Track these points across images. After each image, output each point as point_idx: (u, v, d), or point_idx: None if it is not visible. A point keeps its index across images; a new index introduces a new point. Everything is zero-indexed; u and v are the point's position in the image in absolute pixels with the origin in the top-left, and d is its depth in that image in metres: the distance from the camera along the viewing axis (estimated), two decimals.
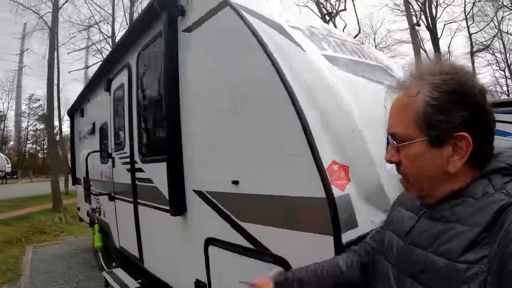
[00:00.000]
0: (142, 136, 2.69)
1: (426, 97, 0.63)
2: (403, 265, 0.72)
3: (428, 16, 16.04)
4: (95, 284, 4.35)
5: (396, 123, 0.69)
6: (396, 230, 0.80)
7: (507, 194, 0.58)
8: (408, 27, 13.75)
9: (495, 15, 18.39)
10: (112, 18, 13.26)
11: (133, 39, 2.80)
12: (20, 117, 36.31)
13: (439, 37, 16.48)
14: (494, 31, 19.09)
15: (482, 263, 0.55)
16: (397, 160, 0.70)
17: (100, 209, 4.20)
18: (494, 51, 20.80)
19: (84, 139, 5.21)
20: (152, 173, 2.48)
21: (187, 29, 1.99)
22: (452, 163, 0.63)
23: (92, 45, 15.63)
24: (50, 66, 9.22)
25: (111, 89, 3.46)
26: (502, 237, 0.54)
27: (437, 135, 0.63)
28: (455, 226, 0.62)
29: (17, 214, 9.14)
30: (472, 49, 18.54)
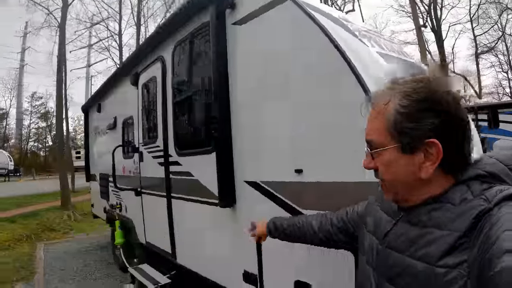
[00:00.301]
0: (180, 129, 2.65)
1: (396, 105, 0.65)
2: (382, 269, 0.74)
3: (433, 18, 16.11)
4: (113, 281, 4.32)
5: (371, 131, 0.71)
6: (374, 233, 0.82)
7: (486, 199, 0.59)
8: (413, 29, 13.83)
9: (499, 18, 18.48)
10: (119, 16, 13.22)
11: (167, 33, 2.79)
12: (22, 115, 36.16)
13: (444, 39, 16.56)
14: (498, 33, 19.18)
15: (461, 267, 0.56)
16: (373, 166, 0.72)
17: (121, 204, 4.16)
18: (497, 53, 20.89)
19: (101, 135, 5.18)
20: (192, 166, 2.46)
21: (238, 21, 1.98)
22: (424, 169, 0.64)
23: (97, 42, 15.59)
24: (60, 62, 9.19)
25: (139, 83, 3.42)
26: (481, 242, 0.55)
27: (408, 142, 0.64)
28: (433, 231, 0.63)
29: (23, 211, 9.07)
30: (476, 51, 18.62)
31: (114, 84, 4.44)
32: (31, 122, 36.33)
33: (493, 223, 0.55)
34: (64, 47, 9.65)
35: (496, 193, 0.59)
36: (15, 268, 4.94)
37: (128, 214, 3.91)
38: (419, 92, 0.63)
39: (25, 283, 4.38)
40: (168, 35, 2.79)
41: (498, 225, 0.54)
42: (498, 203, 0.58)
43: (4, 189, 15.22)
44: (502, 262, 0.49)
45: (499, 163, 0.66)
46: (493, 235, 0.54)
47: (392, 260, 0.70)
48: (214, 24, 2.04)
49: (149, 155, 3.14)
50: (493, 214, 0.57)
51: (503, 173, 0.65)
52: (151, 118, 3.15)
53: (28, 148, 37.18)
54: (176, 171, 2.68)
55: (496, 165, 0.65)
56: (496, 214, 0.56)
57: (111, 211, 4.58)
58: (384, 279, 0.72)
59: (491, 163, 0.66)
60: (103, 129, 5.02)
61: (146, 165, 3.26)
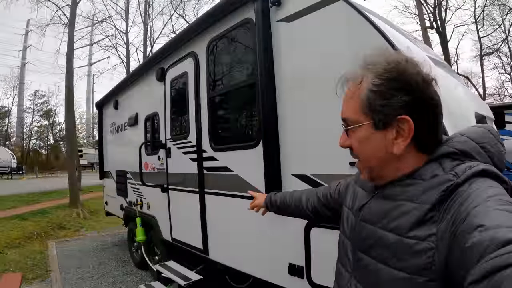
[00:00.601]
0: (217, 124, 2.65)
1: (369, 84, 0.67)
2: (356, 241, 0.77)
3: (438, 19, 16.14)
4: (133, 279, 4.29)
5: (347, 110, 0.73)
6: (351, 207, 0.86)
7: (455, 175, 0.61)
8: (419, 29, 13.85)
9: (502, 21, 18.53)
10: (126, 14, 13.19)
11: (202, 29, 2.79)
12: (23, 113, 36.02)
13: (448, 40, 16.58)
14: (502, 35, 19.22)
15: (430, 240, 0.58)
16: (349, 144, 0.74)
17: (142, 201, 4.13)
18: (500, 55, 20.94)
19: (118, 131, 5.14)
20: (231, 161, 2.45)
21: (285, 19, 2.01)
22: (396, 145, 0.67)
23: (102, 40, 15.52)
24: (70, 59, 9.20)
25: (165, 78, 3.41)
26: (451, 217, 0.56)
27: (380, 118, 0.67)
28: (404, 203, 0.65)
29: (32, 209, 9.01)
30: (481, 52, 18.66)
31: (134, 81, 4.41)
32: (34, 120, 36.36)
33: (463, 199, 0.57)
34: (73, 43, 9.63)
35: (466, 169, 0.61)
36: (27, 266, 4.87)
37: (151, 211, 3.89)
38: (391, 71, 0.65)
39: (41, 280, 4.32)
40: (203, 31, 2.79)
41: (469, 201, 0.55)
42: (468, 179, 0.59)
43: (9, 187, 15.16)
44: (473, 237, 0.50)
45: (470, 141, 0.67)
46: (463, 211, 0.55)
47: (365, 232, 0.73)
48: (259, 20, 2.09)
49: (179, 151, 3.12)
50: (463, 190, 0.58)
51: (474, 151, 0.66)
52: (182, 113, 3.13)
53: (30, 146, 37.07)
54: (211, 166, 2.66)
55: (468, 143, 0.67)
56: (466, 190, 0.58)
57: (130, 208, 4.56)
58: (360, 251, 0.74)
59: (463, 141, 0.68)
60: (120, 126, 4.99)
61: (174, 161, 3.24)
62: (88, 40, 15.96)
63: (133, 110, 4.41)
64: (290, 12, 1.98)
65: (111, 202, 5.67)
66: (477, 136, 0.68)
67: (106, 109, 5.90)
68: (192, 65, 2.91)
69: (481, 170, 0.61)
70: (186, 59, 3.04)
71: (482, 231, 0.50)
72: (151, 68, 3.82)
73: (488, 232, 0.49)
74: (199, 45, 2.86)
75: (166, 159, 3.36)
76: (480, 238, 0.49)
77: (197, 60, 2.87)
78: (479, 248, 0.48)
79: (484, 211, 0.53)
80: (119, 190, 5.08)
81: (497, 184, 0.60)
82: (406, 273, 0.61)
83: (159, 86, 3.56)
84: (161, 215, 3.60)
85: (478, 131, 0.70)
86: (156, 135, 3.75)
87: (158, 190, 3.52)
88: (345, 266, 0.81)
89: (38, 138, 37.00)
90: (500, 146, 0.69)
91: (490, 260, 0.46)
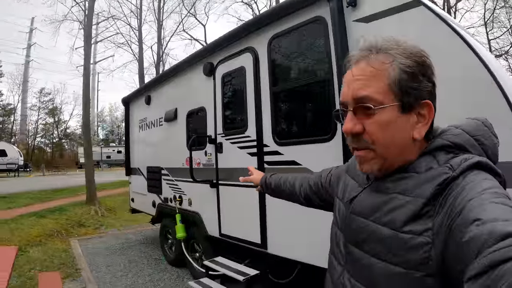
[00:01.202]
0: (282, 119, 2.66)
1: (401, 64, 0.64)
2: (348, 234, 0.75)
3: None
4: (169, 276, 4.25)
5: (368, 88, 0.65)
6: (341, 198, 0.84)
7: (451, 168, 0.60)
8: None
9: (510, 26, 18.58)
10: (140, 11, 13.18)
11: (262, 25, 2.81)
12: (26, 111, 36.02)
13: None
14: (510, 38, 19.27)
15: (426, 234, 0.57)
16: (359, 130, 0.66)
17: (181, 198, 4.10)
18: (508, 57, 20.98)
19: (150, 127, 5.12)
20: (299, 155, 2.45)
21: (363, 19, 2.05)
22: (417, 130, 0.65)
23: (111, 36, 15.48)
24: (87, 55, 9.20)
25: (216, 73, 3.38)
26: (447, 211, 0.55)
27: (409, 101, 0.64)
28: (397, 196, 0.64)
29: (48, 206, 8.97)
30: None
31: (172, 76, 4.39)
32: (39, 118, 36.34)
33: (458, 192, 0.56)
34: (91, 39, 9.62)
35: (461, 162, 0.60)
36: (54, 265, 4.79)
37: (193, 207, 3.86)
38: (419, 56, 0.65)
39: (72, 280, 4.23)
40: (263, 27, 2.80)
41: (464, 195, 0.55)
42: (463, 171, 0.58)
43: (18, 185, 15.13)
44: (469, 231, 0.49)
45: (465, 134, 0.67)
46: (458, 204, 0.54)
47: (356, 225, 0.71)
48: (335, 19, 2.13)
49: (233, 146, 3.10)
50: (458, 183, 0.57)
51: (468, 144, 0.65)
52: (237, 108, 3.11)
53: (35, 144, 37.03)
54: (275, 160, 2.65)
55: (462, 136, 0.66)
56: (461, 183, 0.57)
57: (166, 205, 4.52)
58: (351, 244, 0.73)
59: (457, 134, 0.67)
60: (154, 121, 4.96)
61: (227, 156, 3.21)
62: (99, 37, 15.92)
63: (171, 105, 4.39)
64: (367, 13, 2.03)
65: (140, 199, 5.63)
66: (471, 129, 0.68)
67: (134, 105, 5.87)
68: (251, 60, 2.91)
69: (476, 162, 0.60)
70: (242, 54, 3.03)
71: (479, 225, 0.48)
72: (195, 63, 3.81)
73: (486, 226, 0.47)
74: (259, 40, 2.87)
75: (216, 154, 3.34)
76: (477, 232, 0.48)
77: (257, 55, 2.87)
78: (477, 243, 0.47)
79: (480, 204, 0.52)
80: (151, 187, 5.05)
81: (491, 176, 0.59)
82: (402, 268, 0.59)
83: (207, 81, 3.54)
84: (207, 211, 3.57)
85: (472, 124, 0.69)
86: (199, 130, 3.72)
87: (204, 186, 3.50)
88: (337, 258, 0.79)
89: (43, 135, 36.98)
90: (494, 138, 0.68)
91: (489, 255, 0.44)
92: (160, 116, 4.70)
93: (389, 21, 1.92)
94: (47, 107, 35.28)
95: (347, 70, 0.71)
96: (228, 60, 3.23)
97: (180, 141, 4.09)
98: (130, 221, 8.23)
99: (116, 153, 38.70)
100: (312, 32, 2.42)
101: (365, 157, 0.68)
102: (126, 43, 14.05)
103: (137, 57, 13.81)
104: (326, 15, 2.26)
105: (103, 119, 50.83)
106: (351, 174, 0.85)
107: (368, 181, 0.76)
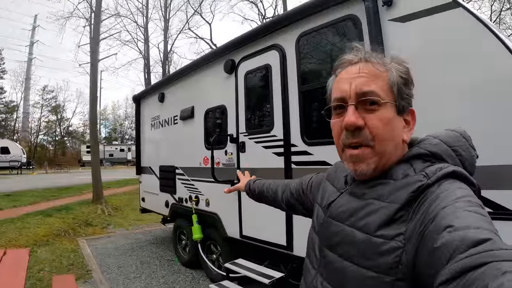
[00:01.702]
0: (311, 119, 2.59)
1: (397, 70, 0.69)
2: (324, 237, 0.76)
3: None
4: (184, 278, 4.16)
5: (372, 84, 0.67)
6: (320, 203, 0.85)
7: (426, 175, 0.61)
8: None
9: None
10: (146, 10, 13.11)
11: (289, 22, 2.75)
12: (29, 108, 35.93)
13: None
14: None
15: (398, 239, 0.57)
16: (361, 124, 0.67)
17: (198, 198, 4.02)
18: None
19: (164, 125, 5.03)
20: (329, 155, 2.38)
21: (399, 19, 2.04)
22: (404, 133, 0.69)
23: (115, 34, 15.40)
24: (94, 52, 9.12)
25: (238, 70, 3.30)
26: (420, 217, 0.56)
27: (402, 104, 0.68)
28: (373, 202, 0.65)
29: (54, 205, 8.89)
30: None
31: (188, 73, 4.30)
32: (42, 115, 36.27)
33: (432, 200, 0.57)
34: (98, 35, 9.55)
35: (436, 170, 0.61)
36: (63, 265, 4.68)
37: (211, 208, 3.77)
38: (406, 66, 0.71)
39: (84, 282, 4.12)
40: (291, 24, 2.74)
41: (437, 202, 0.55)
42: (438, 180, 0.60)
43: (23, 182, 15.06)
44: (442, 238, 0.50)
45: (442, 144, 0.68)
46: (431, 211, 0.55)
47: (332, 229, 0.73)
48: (371, 18, 2.11)
49: (257, 145, 3.02)
50: (432, 191, 0.58)
51: (445, 154, 0.67)
52: (262, 107, 3.03)
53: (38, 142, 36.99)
54: (303, 161, 2.57)
55: (439, 146, 0.68)
56: (435, 191, 0.58)
57: (181, 205, 4.44)
58: (326, 248, 0.73)
59: (435, 144, 0.68)
60: (168, 119, 4.88)
61: (250, 155, 3.13)
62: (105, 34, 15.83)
63: (187, 103, 4.30)
64: (403, 13, 2.01)
65: (151, 199, 5.55)
66: (450, 140, 0.69)
67: (145, 103, 5.79)
68: (277, 58, 2.83)
69: (451, 171, 0.61)
70: (267, 52, 2.96)
71: (451, 232, 0.49)
72: (214, 60, 3.73)
73: (458, 233, 0.48)
74: (286, 38, 2.80)
75: (238, 153, 3.25)
76: (449, 238, 0.48)
77: (284, 53, 2.79)
78: (449, 249, 0.48)
79: (453, 212, 0.52)
80: (164, 187, 4.96)
81: (466, 186, 0.60)
82: (373, 272, 0.60)
83: (228, 78, 3.46)
84: (227, 212, 3.49)
85: (451, 135, 0.70)
86: (218, 129, 3.64)
87: (224, 186, 3.41)
88: (312, 262, 0.80)
89: (46, 133, 36.93)
90: (472, 150, 0.70)
91: (461, 261, 0.45)
92: (175, 114, 4.62)
93: (426, 21, 1.91)
94: (50, 105, 35.31)
95: (342, 70, 0.73)
96: (251, 57, 3.15)
97: (197, 140, 4.00)
98: (137, 220, 8.16)
99: (119, 151, 38.66)
100: (344, 31, 2.38)
101: (362, 155, 0.67)
102: (133, 41, 13.99)
103: (144, 55, 13.74)
104: (359, 14, 2.22)
105: (106, 117, 50.83)
106: (330, 180, 0.87)
107: (346, 185, 0.78)
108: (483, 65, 1.68)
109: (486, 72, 1.67)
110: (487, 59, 1.66)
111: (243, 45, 3.26)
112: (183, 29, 14.68)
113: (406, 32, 2.00)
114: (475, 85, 1.69)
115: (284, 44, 2.81)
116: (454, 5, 1.79)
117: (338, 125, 0.71)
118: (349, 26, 2.32)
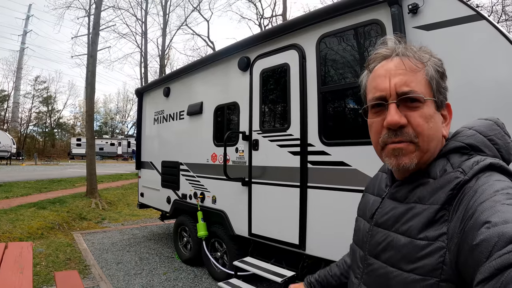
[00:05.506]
0: (330, 119, 2.60)
1: (434, 64, 0.68)
2: (368, 246, 0.75)
3: None
4: (186, 276, 4.11)
5: (412, 82, 0.66)
6: (363, 215, 0.84)
7: (463, 172, 0.60)
8: None
9: None
10: (146, 3, 12.93)
11: (310, 23, 2.76)
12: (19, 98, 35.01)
13: None
14: None
15: (441, 239, 0.57)
16: (404, 122, 0.66)
17: (203, 195, 3.98)
18: None
19: (168, 120, 4.97)
20: (348, 156, 2.40)
21: (424, 27, 2.09)
22: (444, 129, 0.69)
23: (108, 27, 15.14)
24: (94, 42, 8.93)
25: (253, 68, 3.28)
26: (460, 215, 0.56)
27: (440, 99, 0.68)
28: (415, 206, 0.64)
29: (48, 197, 8.68)
30: None
31: (198, 69, 4.26)
32: (33, 106, 35.35)
33: (471, 195, 0.56)
34: (98, 26, 9.37)
35: (472, 165, 0.60)
36: (60, 260, 4.56)
37: (218, 205, 3.74)
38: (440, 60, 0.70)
39: (83, 277, 4.01)
40: (312, 25, 2.75)
41: (475, 198, 0.55)
42: (475, 174, 0.59)
43: (14, 173, 14.66)
44: (480, 234, 0.49)
45: (478, 135, 0.66)
46: (470, 207, 0.54)
47: (377, 236, 0.72)
48: (396, 24, 2.15)
49: (272, 143, 3.01)
50: (470, 186, 0.58)
51: (482, 145, 0.65)
52: (278, 105, 3.02)
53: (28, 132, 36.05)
54: (321, 160, 2.58)
55: (475, 137, 0.66)
56: (473, 187, 0.57)
57: (184, 201, 4.39)
58: (372, 256, 0.73)
59: (470, 135, 0.67)
60: (173, 115, 4.82)
61: (263, 154, 3.12)
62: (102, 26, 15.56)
63: (195, 99, 4.26)
64: (428, 22, 2.06)
65: (150, 194, 5.47)
66: (484, 129, 0.67)
67: (149, 97, 5.71)
68: (296, 57, 2.83)
69: (488, 164, 0.59)
70: (286, 51, 2.95)
71: (489, 228, 0.48)
72: (227, 57, 3.70)
73: (496, 228, 0.47)
74: (306, 38, 2.81)
75: (250, 151, 3.24)
76: (487, 234, 0.48)
77: (303, 53, 2.80)
78: (487, 245, 0.47)
79: (491, 206, 0.51)
80: (166, 182, 4.90)
81: (505, 177, 0.58)
82: (417, 275, 0.59)
83: (242, 75, 3.44)
84: (235, 210, 3.47)
85: (485, 124, 0.69)
86: (230, 126, 3.62)
87: (233, 183, 3.39)
88: (355, 272, 0.80)
89: (36, 124, 36.07)
90: (507, 138, 0.68)
91: (499, 258, 0.44)
92: (181, 109, 4.57)
93: (450, 31, 1.95)
94: (42, 95, 34.42)
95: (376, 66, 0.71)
96: (268, 56, 3.14)
97: (205, 136, 3.97)
98: (132, 216, 8.05)
99: (109, 146, 38.03)
100: (367, 35, 2.40)
101: (406, 149, 0.66)
102: (131, 34, 13.80)
103: (141, 49, 13.56)
104: (384, 19, 2.25)
105: (97, 110, 49.92)
106: (370, 191, 0.85)
107: (386, 189, 0.77)
108: (504, 78, 1.74)
109: (506, 85, 1.74)
110: (509, 72, 1.73)
111: (260, 43, 3.25)
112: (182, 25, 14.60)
113: (430, 41, 2.02)
114: (494, 100, 1.76)
115: (304, 44, 2.81)
116: (478, 18, 1.85)
117: (377, 123, 0.69)
118: (373, 31, 2.35)
